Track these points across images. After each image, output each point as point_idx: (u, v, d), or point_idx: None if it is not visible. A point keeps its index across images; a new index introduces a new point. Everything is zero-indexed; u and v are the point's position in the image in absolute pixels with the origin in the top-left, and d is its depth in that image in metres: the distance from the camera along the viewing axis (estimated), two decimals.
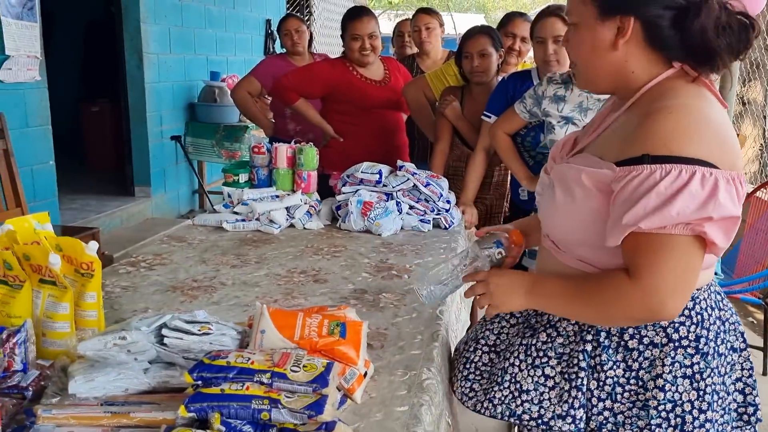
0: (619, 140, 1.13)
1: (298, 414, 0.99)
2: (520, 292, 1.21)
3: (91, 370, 1.11)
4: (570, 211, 1.17)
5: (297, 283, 1.77)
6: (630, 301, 1.08)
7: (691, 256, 1.06)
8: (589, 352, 1.21)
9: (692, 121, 1.06)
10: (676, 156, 1.03)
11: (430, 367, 1.31)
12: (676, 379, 1.16)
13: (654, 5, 1.10)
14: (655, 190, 1.03)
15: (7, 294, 1.24)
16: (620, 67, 1.16)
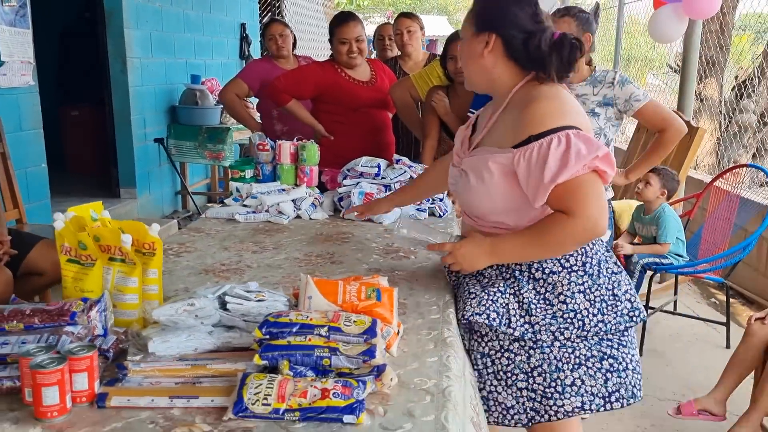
0: (507, 132, 1.56)
1: (354, 359, 1.18)
2: (482, 255, 1.59)
3: (165, 332, 1.28)
4: (483, 191, 1.58)
5: (316, 264, 1.95)
6: (575, 230, 1.47)
7: (597, 185, 1.48)
8: (509, 283, 1.59)
9: (553, 103, 1.51)
10: (551, 129, 1.47)
11: (450, 327, 1.51)
12: (573, 294, 1.56)
13: (510, 28, 1.56)
14: (550, 155, 1.44)
15: (80, 271, 1.40)
16: (488, 72, 1.61)
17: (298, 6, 9.53)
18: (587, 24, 2.45)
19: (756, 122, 5.85)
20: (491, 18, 1.59)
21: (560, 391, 1.54)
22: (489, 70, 1.61)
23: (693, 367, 3.27)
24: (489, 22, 1.59)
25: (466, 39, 1.64)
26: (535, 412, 1.56)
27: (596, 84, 2.50)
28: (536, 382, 1.55)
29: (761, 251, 4.13)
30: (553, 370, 1.55)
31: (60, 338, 1.20)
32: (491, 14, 1.60)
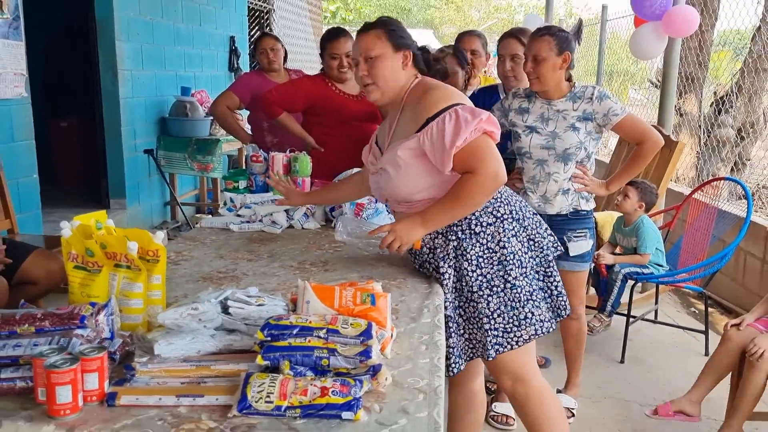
0: (408, 124, 1.89)
1: (351, 359, 1.25)
2: (416, 225, 1.86)
3: (170, 335, 1.35)
4: (402, 177, 1.88)
5: (310, 272, 2.02)
6: (482, 184, 1.79)
7: (489, 143, 1.82)
8: (455, 245, 1.90)
9: (438, 90, 1.88)
10: (442, 108, 1.82)
11: (440, 331, 1.59)
12: (509, 239, 1.90)
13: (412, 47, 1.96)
14: (446, 128, 1.78)
15: (86, 278, 1.46)
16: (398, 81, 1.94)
17: (287, 20, 9.63)
18: (566, 43, 2.54)
19: (734, 137, 6.01)
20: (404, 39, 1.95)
21: (517, 325, 1.89)
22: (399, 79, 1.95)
23: (673, 373, 3.37)
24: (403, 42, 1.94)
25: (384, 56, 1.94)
26: (499, 345, 1.89)
27: (576, 99, 2.60)
28: (497, 321, 1.88)
29: (738, 262, 4.25)
30: (509, 309, 1.89)
31: (70, 340, 1.26)
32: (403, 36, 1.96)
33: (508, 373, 1.99)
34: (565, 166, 2.61)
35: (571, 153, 2.59)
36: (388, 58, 1.91)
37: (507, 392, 2.05)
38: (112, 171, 5.29)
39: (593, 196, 2.75)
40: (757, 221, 4.13)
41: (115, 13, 4.98)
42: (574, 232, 2.67)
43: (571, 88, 2.62)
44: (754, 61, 5.68)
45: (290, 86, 3.44)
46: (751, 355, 2.45)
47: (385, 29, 1.93)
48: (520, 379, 1.99)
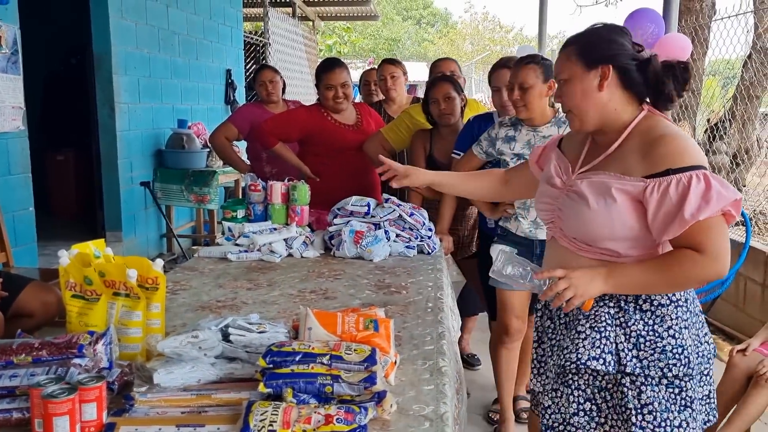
0: (635, 160, 1.53)
1: (356, 386, 1.23)
2: (599, 280, 1.52)
3: (170, 364, 1.32)
4: (603, 216, 1.53)
5: (310, 300, 2.00)
6: (705, 269, 1.47)
7: (725, 228, 1.50)
8: (612, 314, 1.58)
9: (688, 141, 1.51)
10: (689, 166, 1.46)
11: (444, 357, 1.56)
12: (681, 329, 1.56)
13: (623, 57, 1.55)
14: (691, 192, 1.44)
15: (84, 306, 1.44)
16: (604, 106, 1.57)
17: (283, 53, 9.73)
18: (550, 70, 2.56)
19: (729, 163, 6.04)
20: (601, 51, 1.56)
21: (669, 431, 1.56)
22: (605, 104, 1.57)
23: None
24: (600, 56, 1.56)
25: (576, 78, 1.58)
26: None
27: (560, 125, 2.62)
28: (645, 419, 1.56)
29: (739, 288, 4.23)
30: (663, 410, 1.55)
31: (68, 370, 1.23)
32: (600, 47, 1.57)
33: None
34: None
35: None
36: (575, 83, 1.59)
37: None
38: (108, 203, 5.26)
39: None
40: (757, 246, 4.12)
41: (113, 47, 5.01)
42: None
43: (555, 114, 2.65)
44: (746, 87, 5.74)
45: (285, 116, 3.46)
46: (760, 375, 2.42)
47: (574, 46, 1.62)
48: None
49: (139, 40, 5.39)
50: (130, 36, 5.26)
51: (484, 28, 29.78)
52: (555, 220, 1.69)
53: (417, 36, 33.07)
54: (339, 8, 11.80)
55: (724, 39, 5.09)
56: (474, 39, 29.18)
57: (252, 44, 8.98)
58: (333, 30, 17.57)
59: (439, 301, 2.01)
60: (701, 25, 5.78)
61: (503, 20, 43.54)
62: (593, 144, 1.66)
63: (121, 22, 5.09)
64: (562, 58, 1.62)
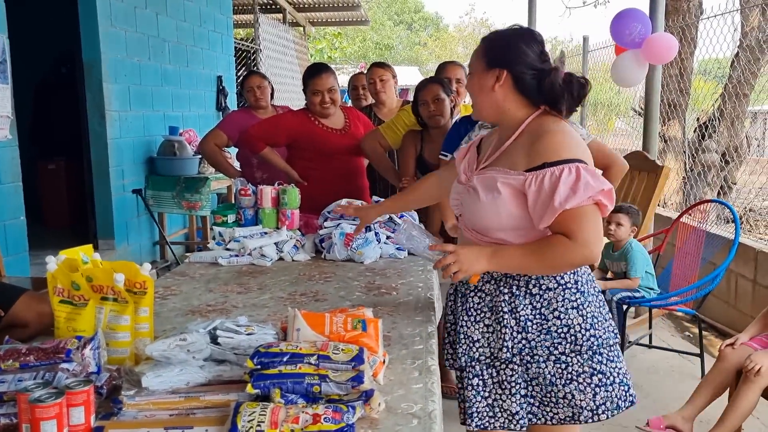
0: (520, 157, 1.66)
1: (344, 385, 1.23)
2: (483, 257, 1.64)
3: (158, 367, 1.32)
4: (491, 207, 1.67)
5: (300, 302, 2.01)
6: (574, 254, 1.59)
7: (597, 217, 1.61)
8: (507, 300, 1.69)
9: (566, 137, 1.63)
10: (564, 159, 1.58)
11: (433, 356, 1.58)
12: (567, 310, 1.67)
13: (520, 65, 1.68)
14: (561, 182, 1.56)
15: (72, 312, 1.44)
16: (498, 104, 1.72)
17: (274, 59, 9.74)
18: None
19: (719, 161, 6.08)
20: (501, 55, 1.70)
21: (555, 402, 1.68)
22: (499, 102, 1.71)
23: (670, 398, 3.33)
24: (499, 59, 1.69)
25: (476, 73, 1.74)
26: (533, 416, 1.71)
27: None
28: (534, 390, 1.69)
29: (730, 284, 4.26)
30: (547, 384, 1.67)
31: (56, 375, 1.24)
32: (501, 52, 1.70)
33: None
34: None
35: None
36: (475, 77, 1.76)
37: None
38: (100, 211, 5.25)
39: None
40: (747, 243, 4.14)
41: (103, 55, 5.00)
42: None
43: None
44: (734, 86, 5.78)
45: (272, 121, 3.47)
46: (748, 370, 2.44)
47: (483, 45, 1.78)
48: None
49: (129, 48, 5.40)
50: (120, 44, 5.26)
51: (479, 33, 29.91)
52: (462, 212, 1.83)
53: (408, 40, 33.15)
54: (329, 14, 11.82)
55: (711, 38, 5.13)
56: (466, 42, 29.28)
57: (243, 50, 8.99)
58: (323, 35, 17.60)
59: (429, 301, 2.01)
60: (688, 25, 5.82)
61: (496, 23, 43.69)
62: (498, 142, 1.78)
63: (110, 30, 5.09)
64: (474, 52, 1.77)
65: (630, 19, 4.11)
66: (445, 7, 63.71)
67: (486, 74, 1.71)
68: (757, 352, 2.50)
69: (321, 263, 2.51)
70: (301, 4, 10.96)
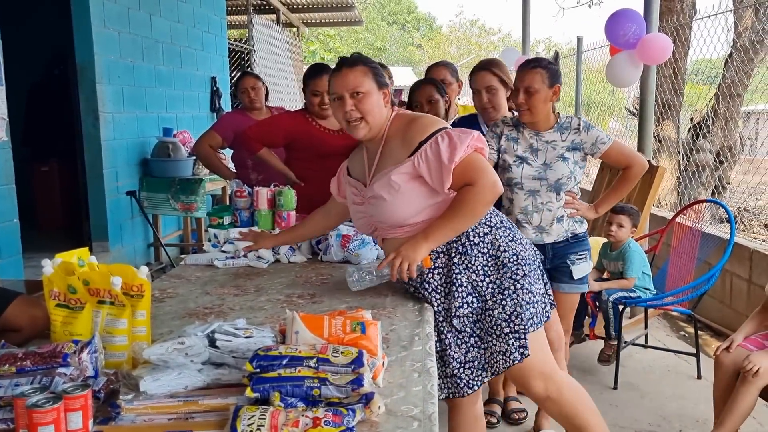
0: (398, 151, 1.95)
1: (343, 388, 1.23)
2: (420, 243, 1.89)
3: (156, 371, 1.31)
4: (398, 201, 1.92)
5: (298, 304, 2.00)
6: (483, 195, 1.88)
7: (483, 158, 1.94)
8: (458, 262, 1.95)
9: (424, 118, 2.01)
10: (432, 132, 1.91)
11: (431, 358, 1.56)
12: (507, 243, 1.99)
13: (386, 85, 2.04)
14: (442, 147, 1.88)
15: (69, 316, 1.43)
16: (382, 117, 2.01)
17: (268, 60, 9.72)
18: (556, 76, 2.57)
19: (713, 161, 6.09)
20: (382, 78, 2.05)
21: (537, 322, 1.98)
22: (382, 114, 2.02)
23: (667, 398, 3.34)
24: (382, 82, 2.04)
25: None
26: (524, 348, 1.91)
27: (563, 130, 2.62)
28: (516, 323, 1.92)
29: (725, 284, 4.27)
30: (524, 309, 1.93)
31: (53, 379, 1.22)
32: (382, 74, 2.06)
33: (538, 375, 2.02)
34: (557, 196, 2.62)
35: (563, 183, 2.60)
36: (374, 95, 1.98)
37: (540, 396, 2.07)
38: (94, 214, 5.23)
39: (583, 218, 2.77)
40: (741, 242, 4.16)
41: (96, 56, 4.99)
42: (576, 254, 2.68)
43: (557, 120, 2.64)
44: (728, 86, 5.80)
45: (269, 122, 3.46)
46: (746, 371, 2.44)
47: (369, 67, 2.00)
48: (549, 377, 2.04)
49: (123, 49, 5.38)
50: (113, 45, 5.24)
51: (471, 33, 29.93)
52: (374, 226, 2.05)
53: (402, 41, 33.15)
54: (323, 14, 11.81)
55: (705, 38, 5.14)
56: (459, 43, 29.30)
57: (237, 51, 8.97)
58: (317, 36, 17.59)
59: (427, 302, 2.01)
60: (682, 25, 5.84)
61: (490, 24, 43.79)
62: (368, 155, 2.05)
63: (104, 31, 5.08)
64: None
65: (624, 19, 4.12)
66: (439, 7, 63.83)
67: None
68: (755, 353, 2.49)
69: (318, 265, 2.51)
70: (295, 5, 10.95)
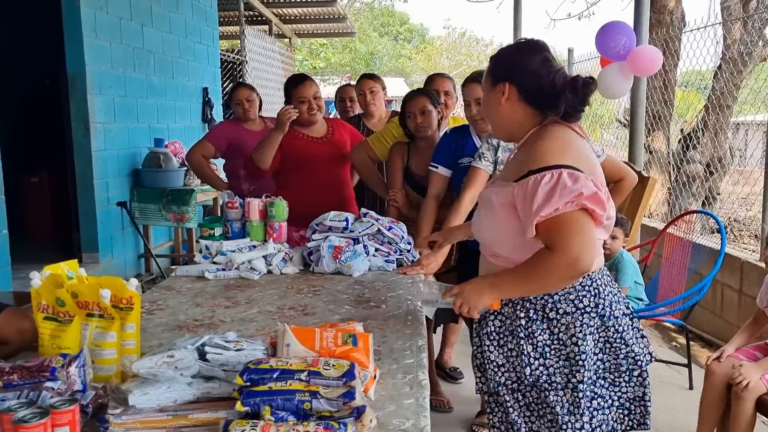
0: (516, 168, 1.66)
1: (335, 402, 1.22)
2: (485, 290, 1.66)
3: (145, 385, 1.30)
4: (488, 222, 1.71)
5: (289, 317, 1.98)
6: (556, 266, 1.53)
7: (583, 223, 1.54)
8: (524, 325, 1.67)
9: (556, 143, 1.61)
10: (548, 165, 1.55)
11: (423, 371, 1.56)
12: (585, 336, 1.63)
13: (522, 75, 1.67)
14: (539, 188, 1.53)
15: (57, 329, 1.41)
16: (508, 118, 1.71)
17: (260, 70, 9.72)
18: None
19: (703, 172, 6.13)
20: (503, 69, 1.71)
21: (579, 428, 1.66)
22: (508, 116, 1.71)
23: (658, 409, 3.32)
24: (502, 74, 1.70)
25: (486, 92, 1.76)
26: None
27: None
28: (548, 419, 1.68)
29: (716, 294, 4.28)
30: (565, 413, 1.65)
31: (40, 394, 1.21)
32: (503, 66, 1.72)
33: None
34: None
35: None
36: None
37: None
38: (84, 224, 5.19)
39: None
40: (732, 253, 4.17)
41: (87, 67, 4.97)
42: None
43: None
44: (717, 98, 5.84)
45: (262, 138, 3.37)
46: (737, 384, 2.43)
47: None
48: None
49: (114, 60, 5.36)
50: (105, 55, 5.22)
51: (461, 43, 30.07)
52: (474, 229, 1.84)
53: (394, 52, 33.26)
54: (316, 25, 11.84)
55: (694, 50, 5.19)
56: (450, 54, 29.44)
57: (229, 62, 8.97)
58: (309, 45, 17.62)
59: (419, 314, 2.00)
60: (671, 37, 5.89)
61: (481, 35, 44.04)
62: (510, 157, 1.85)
63: (95, 41, 5.06)
64: (483, 74, 1.81)
65: (615, 32, 4.14)
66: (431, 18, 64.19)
67: (493, 91, 1.71)
68: (744, 365, 2.49)
69: (309, 276, 2.49)
70: (288, 16, 10.97)
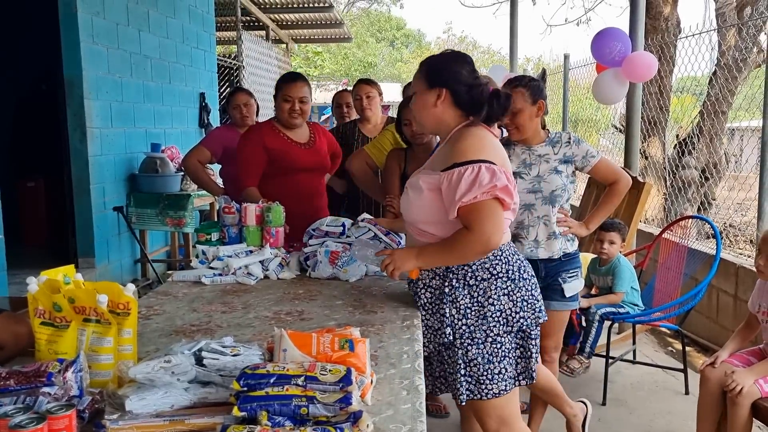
0: (442, 159, 1.96)
1: (331, 407, 1.22)
2: (412, 257, 2.01)
3: (142, 390, 1.30)
4: (415, 203, 1.99)
5: (286, 322, 1.98)
6: (472, 243, 1.89)
7: (495, 210, 1.90)
8: (448, 293, 2.00)
9: (477, 141, 1.93)
10: (470, 160, 1.88)
11: (420, 376, 1.56)
12: (499, 297, 1.98)
13: (456, 83, 1.97)
14: (462, 180, 1.85)
15: (54, 334, 1.41)
16: (437, 118, 2.02)
17: (257, 76, 9.73)
18: (539, 92, 2.61)
19: (698, 177, 6.16)
20: (440, 75, 1.99)
21: (490, 378, 2.00)
22: (439, 116, 2.01)
23: (655, 414, 3.34)
24: (439, 79, 1.98)
25: (419, 92, 2.04)
26: (470, 392, 2.02)
27: (554, 144, 2.66)
28: (472, 370, 2.00)
29: (712, 299, 4.29)
30: (485, 362, 1.99)
31: (37, 399, 1.21)
32: (440, 72, 1.99)
33: (493, 417, 2.06)
34: (553, 209, 2.65)
35: (557, 195, 2.63)
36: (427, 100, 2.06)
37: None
38: (80, 229, 5.19)
39: (575, 236, 2.78)
40: (727, 258, 4.19)
41: (84, 72, 4.97)
42: (568, 273, 2.71)
43: (547, 134, 2.70)
44: (713, 104, 5.87)
45: (249, 154, 3.21)
46: (731, 391, 2.44)
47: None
48: (505, 423, 2.07)
49: (111, 65, 5.37)
50: (102, 60, 5.23)
51: (459, 49, 30.09)
52: (402, 210, 2.13)
53: (391, 57, 33.33)
54: (312, 31, 11.87)
55: (689, 57, 5.21)
56: None
57: (226, 67, 8.98)
58: (305, 53, 17.65)
59: (416, 319, 2.01)
60: (667, 44, 5.91)
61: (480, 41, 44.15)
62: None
63: (92, 47, 5.07)
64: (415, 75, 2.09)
65: (610, 38, 4.17)
66: (428, 24, 64.33)
67: (428, 93, 2.00)
68: (738, 371, 2.49)
69: (306, 281, 2.50)
70: (285, 22, 10.99)
